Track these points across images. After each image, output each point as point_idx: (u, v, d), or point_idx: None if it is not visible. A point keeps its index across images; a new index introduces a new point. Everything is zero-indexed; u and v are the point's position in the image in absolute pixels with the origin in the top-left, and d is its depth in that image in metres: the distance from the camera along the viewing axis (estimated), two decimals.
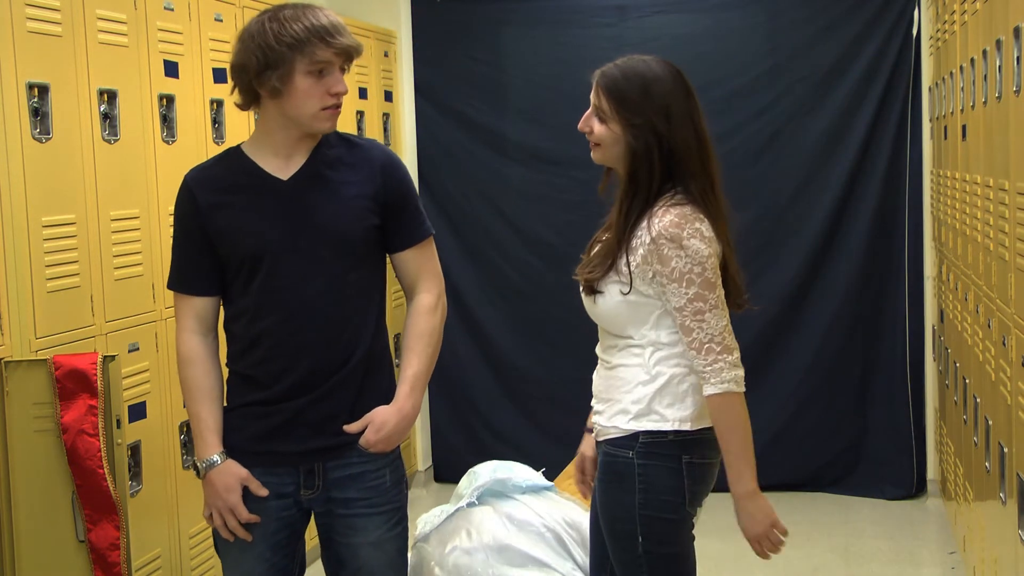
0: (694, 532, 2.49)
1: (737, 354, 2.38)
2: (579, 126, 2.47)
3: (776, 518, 2.43)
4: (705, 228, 2.35)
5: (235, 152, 2.64)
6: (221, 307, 2.65)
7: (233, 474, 2.55)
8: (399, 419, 2.60)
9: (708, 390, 2.36)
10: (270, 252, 2.54)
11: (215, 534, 2.65)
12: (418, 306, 2.67)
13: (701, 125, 2.43)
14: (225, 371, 2.67)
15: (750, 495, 2.40)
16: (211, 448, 2.57)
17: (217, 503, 2.55)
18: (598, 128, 2.44)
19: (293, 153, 2.58)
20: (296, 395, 2.56)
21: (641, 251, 2.36)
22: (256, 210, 2.56)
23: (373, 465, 2.61)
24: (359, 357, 2.59)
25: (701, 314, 2.33)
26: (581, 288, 2.47)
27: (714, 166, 2.43)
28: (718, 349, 2.34)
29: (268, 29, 2.48)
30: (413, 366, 2.63)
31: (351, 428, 2.57)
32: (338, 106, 2.55)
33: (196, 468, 2.60)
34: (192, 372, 2.60)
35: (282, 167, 2.58)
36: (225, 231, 2.55)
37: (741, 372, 2.38)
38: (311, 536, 2.68)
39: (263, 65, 2.48)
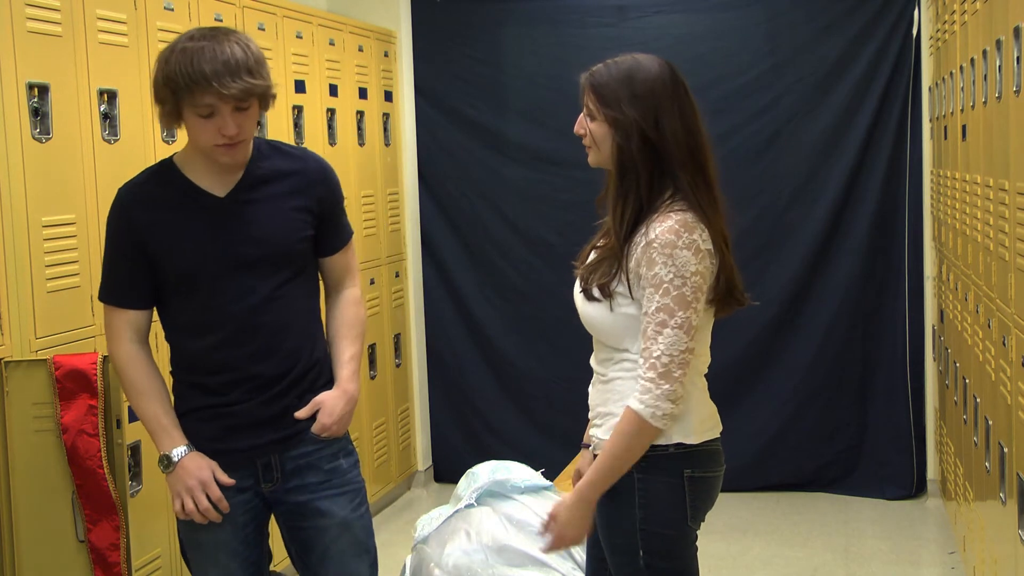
0: (697, 544, 2.44)
1: (678, 393, 2.28)
2: (575, 129, 2.45)
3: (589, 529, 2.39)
4: (703, 239, 2.30)
5: (168, 166, 2.63)
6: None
7: (203, 457, 2.59)
8: (346, 401, 2.67)
9: (632, 404, 2.28)
10: (208, 272, 2.56)
11: (182, 541, 2.70)
12: (348, 297, 2.77)
13: (692, 119, 2.38)
14: (168, 378, 2.70)
15: (588, 501, 2.35)
16: (177, 440, 2.59)
17: (189, 483, 2.56)
18: (590, 128, 2.41)
19: (223, 173, 2.58)
20: (247, 399, 2.60)
21: (635, 255, 2.32)
22: (193, 229, 2.57)
23: (329, 450, 2.67)
24: (306, 359, 2.64)
25: (663, 327, 2.26)
26: (580, 294, 2.43)
27: (706, 158, 2.38)
28: (661, 370, 2.26)
29: (160, 64, 2.48)
30: (349, 350, 2.72)
31: (301, 414, 2.63)
32: (232, 145, 2.51)
33: (163, 462, 2.61)
34: (136, 373, 2.61)
35: (217, 183, 2.59)
36: (162, 250, 2.56)
37: (671, 410, 2.28)
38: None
39: (155, 99, 2.51)
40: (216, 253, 2.55)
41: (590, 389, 2.51)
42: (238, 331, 2.57)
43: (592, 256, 2.46)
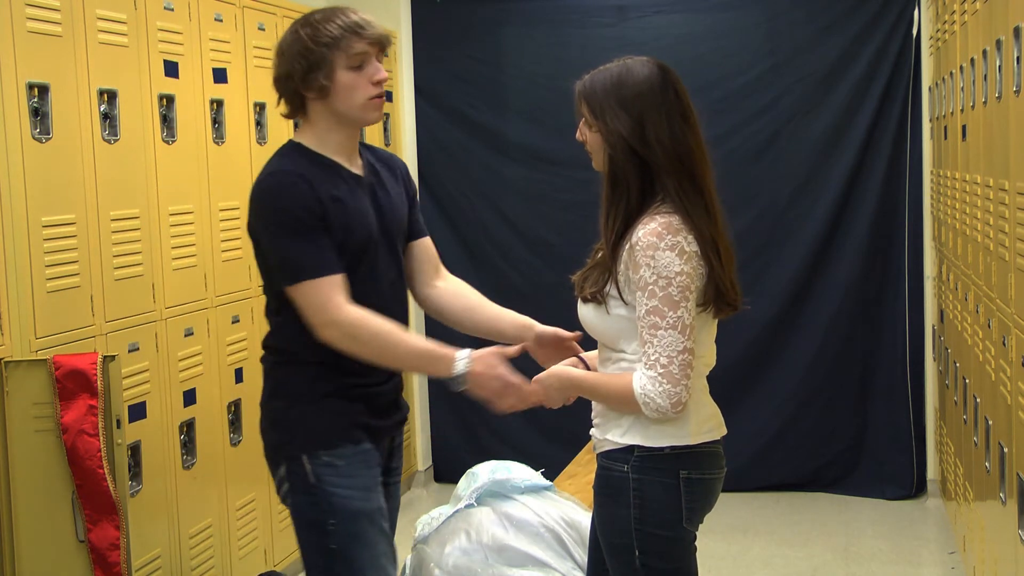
0: (696, 544, 2.43)
1: (680, 397, 2.27)
2: (577, 136, 2.46)
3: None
4: (687, 242, 2.29)
5: (303, 149, 2.65)
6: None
7: (489, 351, 2.66)
8: None
9: (634, 382, 2.29)
10: (372, 244, 2.65)
11: (358, 531, 2.62)
12: (453, 277, 3.01)
13: (682, 125, 2.36)
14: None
15: (574, 389, 2.52)
16: (452, 353, 2.60)
17: (492, 384, 2.64)
18: (588, 136, 2.43)
19: (352, 152, 2.69)
20: (388, 378, 2.72)
21: (623, 258, 2.33)
22: (359, 204, 2.65)
23: (403, 438, 2.86)
24: None
25: (656, 329, 2.27)
26: (577, 297, 2.45)
27: (697, 163, 2.36)
28: (661, 371, 2.26)
29: (303, 35, 2.59)
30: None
31: (571, 335, 2.74)
32: (382, 95, 2.65)
33: (458, 381, 2.58)
34: (379, 321, 2.56)
35: (348, 164, 2.68)
36: (339, 223, 2.58)
37: (665, 411, 2.27)
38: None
39: (307, 68, 2.58)
40: (376, 227, 2.66)
41: None
42: (384, 306, 2.64)
43: (589, 263, 2.47)
